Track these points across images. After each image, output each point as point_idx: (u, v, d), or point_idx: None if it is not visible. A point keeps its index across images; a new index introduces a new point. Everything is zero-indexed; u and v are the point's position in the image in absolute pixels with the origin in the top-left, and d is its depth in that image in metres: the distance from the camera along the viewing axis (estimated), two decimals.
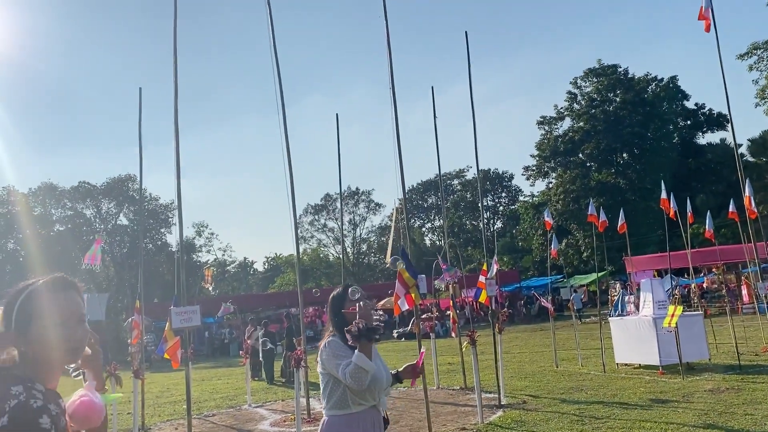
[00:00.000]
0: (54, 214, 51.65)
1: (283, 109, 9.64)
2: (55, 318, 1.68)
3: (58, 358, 1.69)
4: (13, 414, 1.50)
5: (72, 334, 1.69)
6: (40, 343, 1.66)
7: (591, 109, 50.35)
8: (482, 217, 10.05)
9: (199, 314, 7.53)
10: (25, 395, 1.55)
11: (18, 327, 1.66)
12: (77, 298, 1.78)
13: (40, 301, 1.69)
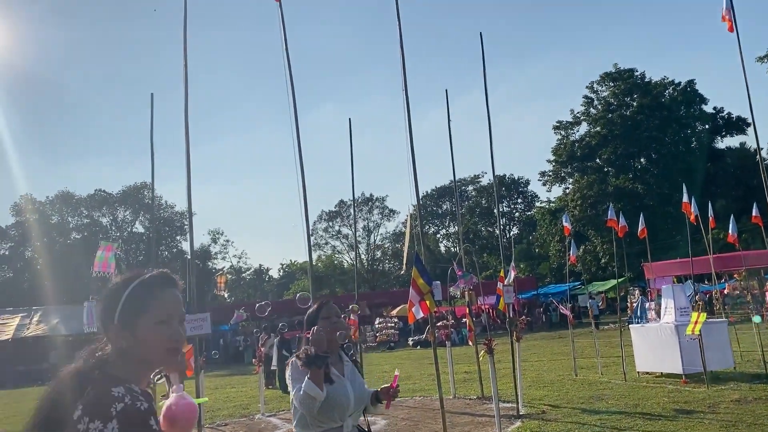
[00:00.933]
0: (71, 222, 52.15)
1: (296, 117, 9.53)
2: (161, 315, 1.61)
3: (159, 357, 1.62)
4: (121, 418, 1.42)
5: (175, 333, 1.63)
6: (145, 340, 1.58)
7: (608, 113, 49.87)
8: (499, 223, 9.82)
9: (209, 322, 7.37)
10: (130, 398, 1.48)
11: (122, 321, 1.59)
12: (179, 296, 1.72)
13: (148, 295, 1.62)
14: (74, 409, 1.45)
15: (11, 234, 50.23)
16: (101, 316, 1.64)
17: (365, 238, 66.47)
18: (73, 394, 1.48)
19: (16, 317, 33.64)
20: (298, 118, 9.14)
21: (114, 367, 1.57)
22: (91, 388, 1.48)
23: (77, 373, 1.54)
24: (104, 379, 1.51)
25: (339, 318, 3.24)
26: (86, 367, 1.56)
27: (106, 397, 1.46)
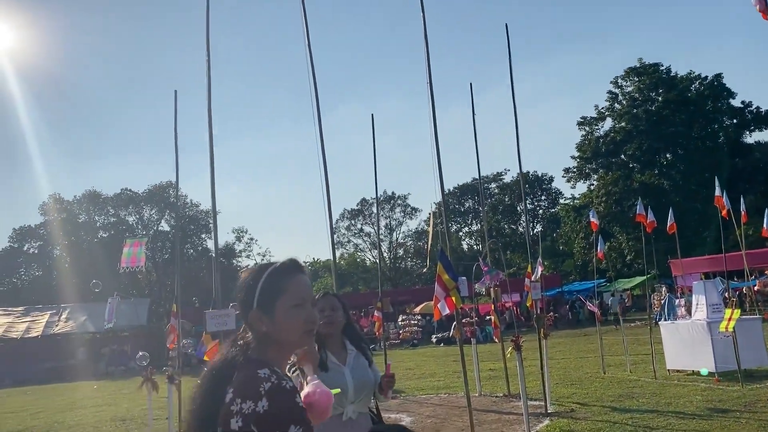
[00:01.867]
0: (98, 221, 52.79)
1: (318, 117, 9.49)
2: (296, 298, 1.70)
3: (297, 340, 1.71)
4: (271, 396, 1.51)
5: (310, 315, 1.72)
6: (283, 323, 1.67)
7: (633, 108, 49.19)
8: (526, 218, 9.66)
9: (234, 318, 7.35)
10: (276, 378, 1.56)
11: (261, 306, 1.68)
12: (309, 282, 1.80)
13: (283, 280, 1.71)
14: (225, 393, 1.56)
15: (40, 233, 51.00)
16: (241, 304, 1.73)
17: (387, 236, 66.41)
18: (223, 379, 1.60)
19: (45, 315, 34.17)
20: (321, 117, 9.09)
21: (256, 351, 1.67)
22: (239, 373, 1.59)
23: (224, 361, 1.65)
24: (249, 362, 1.61)
25: (334, 311, 3.33)
26: (231, 355, 1.66)
27: (253, 378, 1.55)
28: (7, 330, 32.44)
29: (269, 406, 1.50)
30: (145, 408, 13.41)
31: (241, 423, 1.50)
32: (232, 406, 1.53)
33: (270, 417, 1.50)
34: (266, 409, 1.50)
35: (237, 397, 1.53)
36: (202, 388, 1.63)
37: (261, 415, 1.50)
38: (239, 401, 1.53)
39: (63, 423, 12.93)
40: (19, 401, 19.11)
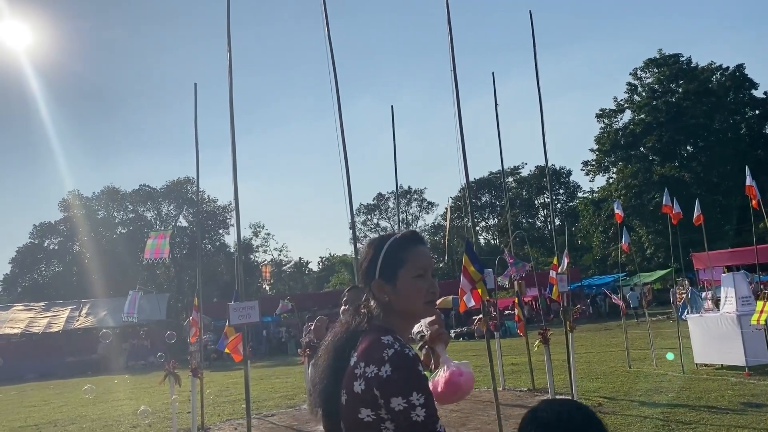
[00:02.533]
0: (116, 217, 53.17)
1: (339, 111, 9.41)
2: (417, 269, 1.71)
3: (418, 309, 1.74)
4: (394, 362, 1.52)
5: (432, 286, 1.74)
6: (404, 293, 1.69)
7: (652, 100, 48.54)
8: (552, 209, 9.41)
9: (258, 310, 7.27)
10: (399, 344, 1.57)
11: (384, 275, 1.71)
12: (429, 253, 1.81)
13: (404, 250, 1.73)
14: (349, 357, 1.62)
15: (60, 229, 51.50)
16: (364, 274, 1.77)
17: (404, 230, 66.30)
18: (347, 345, 1.66)
19: (65, 310, 34.50)
20: (332, 114, 8.99)
21: (379, 319, 1.70)
22: (363, 338, 1.64)
23: (348, 329, 1.71)
24: (373, 329, 1.65)
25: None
26: (356, 322, 1.71)
27: (377, 344, 1.58)
28: (29, 325, 32.80)
29: (392, 372, 1.52)
30: (166, 402, 13.44)
31: (363, 386, 1.55)
32: (356, 370, 1.58)
33: (392, 382, 1.52)
34: (389, 374, 1.52)
35: (361, 361, 1.58)
36: (329, 354, 1.70)
37: (384, 380, 1.52)
38: (363, 365, 1.57)
39: (86, 416, 12.99)
40: (43, 395, 19.27)
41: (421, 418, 1.51)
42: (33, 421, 12.95)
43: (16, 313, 34.35)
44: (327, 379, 1.67)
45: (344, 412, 1.60)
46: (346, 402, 1.59)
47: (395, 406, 1.51)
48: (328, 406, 1.67)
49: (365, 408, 1.55)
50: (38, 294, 45.34)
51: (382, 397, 1.53)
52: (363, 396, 1.55)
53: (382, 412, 1.54)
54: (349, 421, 1.59)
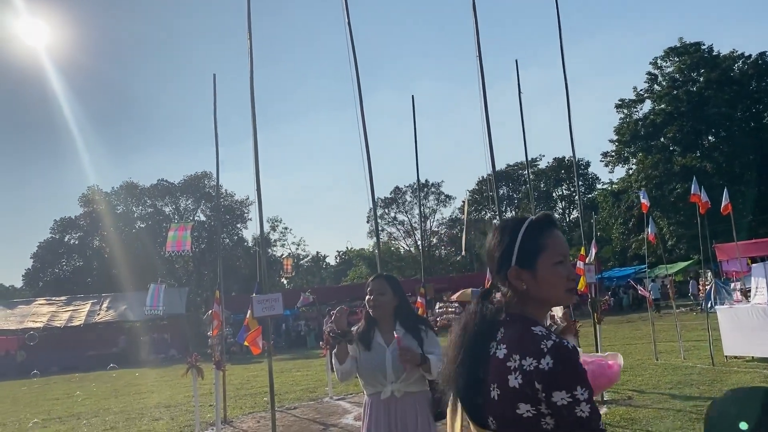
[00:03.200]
0: (135, 212, 53.54)
1: (361, 105, 9.28)
2: (557, 255, 1.63)
3: (560, 296, 1.65)
4: (555, 354, 1.45)
5: (572, 273, 1.66)
6: (545, 280, 1.61)
7: (673, 90, 47.80)
8: (579, 200, 9.18)
9: (281, 302, 7.18)
10: (554, 335, 1.50)
11: (522, 262, 1.61)
12: (563, 237, 1.71)
13: (543, 235, 1.64)
14: (489, 348, 1.54)
15: (80, 224, 51.95)
16: (496, 261, 1.66)
17: (420, 224, 66.07)
18: (484, 335, 1.57)
19: (86, 304, 34.83)
20: (355, 105, 8.90)
21: (515, 308, 1.61)
22: (507, 329, 1.55)
23: (480, 318, 1.61)
24: (515, 319, 1.57)
25: (381, 295, 3.36)
26: (490, 312, 1.62)
27: (530, 335, 1.50)
28: (51, 319, 33.16)
29: (554, 364, 1.43)
30: (188, 395, 13.46)
31: (521, 380, 1.47)
32: (508, 363, 1.49)
33: (556, 375, 1.43)
34: (551, 366, 1.43)
35: (514, 354, 1.50)
36: (464, 344, 1.61)
37: (546, 373, 1.44)
38: (517, 357, 1.48)
39: (109, 409, 13.03)
40: (66, 388, 19.43)
41: (585, 414, 1.43)
42: (56, 414, 13.02)
43: (38, 307, 34.75)
44: (465, 370, 1.58)
45: (497, 407, 1.52)
46: (500, 397, 1.51)
47: (558, 400, 1.43)
48: (468, 398, 1.59)
49: (524, 403, 1.47)
50: (59, 288, 45.83)
51: (543, 391, 1.45)
52: (521, 390, 1.47)
53: (542, 407, 1.46)
54: (504, 417, 1.51)
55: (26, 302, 36.73)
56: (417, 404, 3.30)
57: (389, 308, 3.38)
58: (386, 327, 3.39)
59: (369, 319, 3.42)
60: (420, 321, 3.48)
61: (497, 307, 1.63)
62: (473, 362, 1.57)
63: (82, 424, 11.30)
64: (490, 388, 1.52)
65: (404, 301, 3.45)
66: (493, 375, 1.52)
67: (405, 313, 3.43)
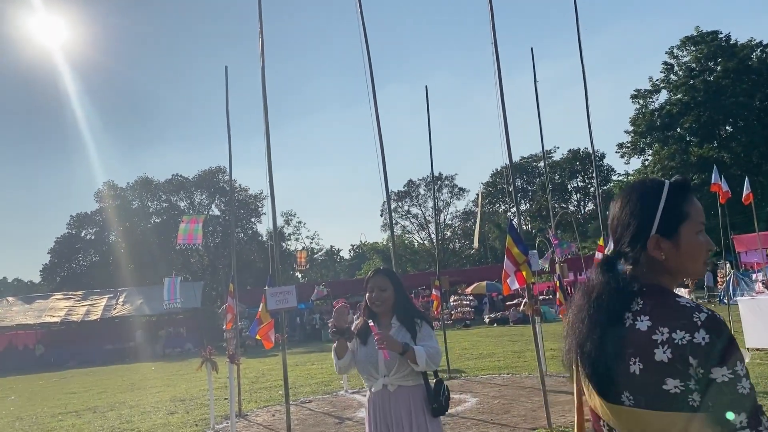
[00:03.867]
0: (150, 207, 53.80)
1: (374, 99, 9.18)
2: (699, 224, 1.55)
3: (699, 268, 1.56)
4: (710, 328, 1.37)
5: (711, 243, 1.57)
6: (688, 249, 1.52)
7: (690, 79, 47.15)
8: (597, 189, 8.91)
9: (295, 295, 7.09)
10: (705, 308, 1.42)
11: (663, 229, 1.52)
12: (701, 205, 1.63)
13: (686, 201, 1.55)
14: (626, 320, 1.46)
15: (96, 219, 52.31)
16: (633, 229, 1.54)
17: (434, 217, 65.91)
18: (617, 305, 1.48)
19: (103, 298, 35.06)
20: (368, 99, 8.80)
21: (648, 278, 1.52)
22: (647, 300, 1.47)
23: (613, 290, 1.51)
24: (654, 290, 1.49)
25: (382, 291, 3.40)
26: (620, 281, 1.51)
27: (677, 306, 1.42)
28: (68, 313, 33.41)
29: (710, 338, 1.35)
30: (203, 389, 13.46)
31: (670, 354, 1.38)
32: (653, 336, 1.41)
33: (713, 350, 1.35)
34: (707, 341, 1.35)
35: (660, 326, 1.41)
36: (593, 315, 1.51)
37: (702, 347, 1.35)
38: (666, 331, 1.40)
39: (125, 403, 13.07)
40: (82, 382, 19.55)
41: (746, 390, 1.35)
42: (73, 408, 13.07)
43: (55, 302, 35.04)
44: (596, 342, 1.49)
45: (637, 382, 1.43)
46: (642, 372, 1.41)
47: (718, 377, 1.34)
48: (598, 373, 1.50)
49: (672, 378, 1.39)
50: (76, 283, 46.19)
51: (700, 366, 1.35)
52: (670, 365, 1.38)
53: (691, 383, 1.37)
54: (645, 393, 1.42)
55: (44, 297, 37.06)
56: (411, 398, 3.30)
57: (390, 303, 3.42)
58: (385, 321, 3.44)
59: (369, 314, 3.46)
60: (416, 314, 3.48)
61: (631, 275, 1.53)
62: (603, 335, 1.48)
63: (98, 418, 11.33)
64: (628, 362, 1.43)
65: (402, 294, 3.48)
66: (634, 348, 1.43)
67: (403, 306, 3.45)
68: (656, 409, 1.40)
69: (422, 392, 3.33)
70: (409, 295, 3.56)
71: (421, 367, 3.24)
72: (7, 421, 12.14)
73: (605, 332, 1.48)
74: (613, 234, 1.62)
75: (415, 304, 3.60)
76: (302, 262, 35.70)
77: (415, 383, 3.33)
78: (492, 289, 34.99)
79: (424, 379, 3.35)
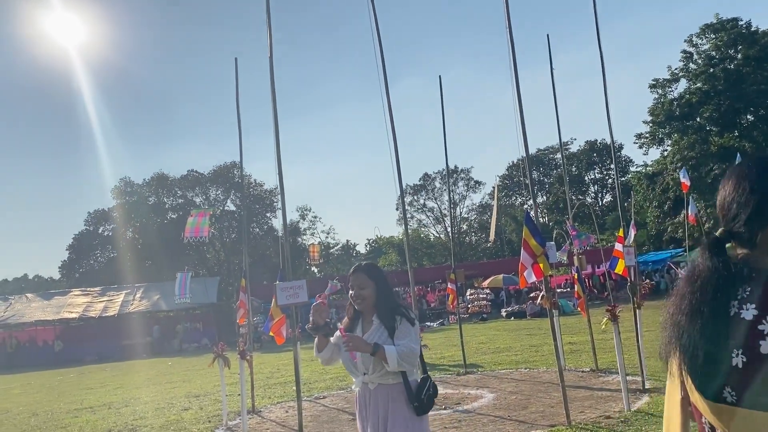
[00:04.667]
0: (166, 203, 54.05)
1: (387, 92, 9.03)
2: None
3: None
4: None
5: None
6: None
7: (709, 68, 46.31)
8: (617, 183, 8.56)
9: (306, 290, 6.93)
10: None
11: None
12: None
13: None
14: (731, 308, 1.33)
15: (113, 216, 52.69)
16: (752, 209, 1.41)
17: (451, 210, 65.59)
18: (721, 291, 1.36)
19: (120, 294, 35.27)
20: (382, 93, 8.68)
21: (757, 263, 1.38)
22: (754, 287, 1.34)
23: (719, 275, 1.37)
24: (765, 276, 1.36)
25: (361, 289, 3.35)
26: (729, 268, 1.38)
27: None
28: (87, 309, 33.66)
29: None
30: (217, 385, 13.39)
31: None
32: (760, 326, 1.30)
33: None
34: None
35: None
36: (694, 301, 1.38)
37: None
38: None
39: (139, 399, 13.04)
40: (99, 377, 19.62)
41: None
42: (89, 404, 13.06)
43: (74, 298, 35.32)
44: (696, 333, 1.37)
45: (741, 377, 1.31)
46: (746, 365, 1.29)
47: None
48: (696, 366, 1.37)
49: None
50: (94, 279, 46.56)
51: None
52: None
53: None
54: (750, 390, 1.30)
55: (62, 293, 37.38)
56: (390, 397, 3.26)
57: (371, 300, 3.37)
58: (368, 318, 3.41)
59: (355, 311, 3.46)
60: (397, 311, 3.36)
61: (742, 259, 1.41)
62: (705, 325, 1.36)
63: (113, 414, 11.29)
64: (731, 354, 1.32)
65: (384, 291, 3.41)
66: (737, 339, 1.32)
67: (384, 303, 3.37)
68: (761, 409, 1.26)
69: (402, 391, 3.27)
70: (393, 291, 3.50)
71: (392, 367, 3.17)
72: (23, 417, 12.15)
73: (707, 322, 1.37)
74: (724, 213, 1.48)
75: (397, 300, 3.51)
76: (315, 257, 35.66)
77: (395, 381, 3.27)
78: (509, 282, 34.70)
79: (403, 378, 3.27)
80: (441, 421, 7.48)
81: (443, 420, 7.56)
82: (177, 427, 9.29)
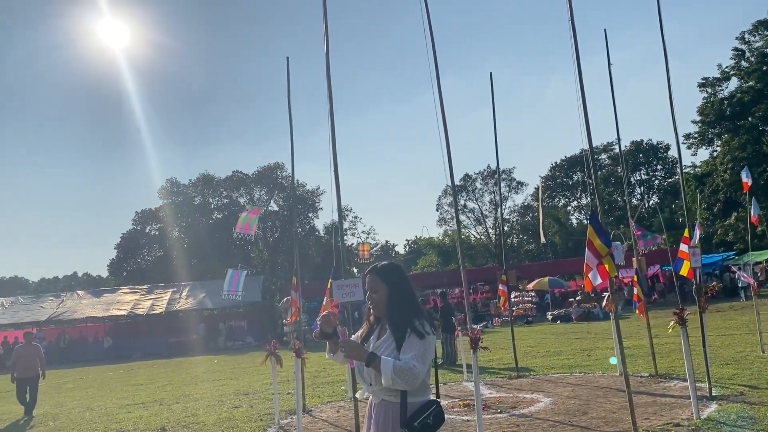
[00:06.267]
0: (212, 203, 54.89)
1: (439, 89, 8.91)
2: None
3: None
4: None
5: None
6: None
7: (762, 65, 44.82)
8: (682, 180, 8.21)
9: (362, 288, 6.85)
10: None
11: None
12: None
13: None
14: None
15: (160, 216, 53.74)
16: None
17: (492, 211, 64.96)
18: None
19: (167, 292, 35.89)
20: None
21: None
22: None
23: None
24: None
25: (374, 292, 3.03)
26: None
27: None
28: (134, 307, 34.35)
29: None
30: (265, 383, 13.44)
31: None
32: None
33: None
34: None
35: None
36: None
37: None
38: None
39: (189, 395, 13.17)
40: (148, 374, 19.95)
41: None
42: (140, 399, 13.26)
43: (122, 296, 36.10)
44: None
45: None
46: None
47: None
48: None
49: None
50: (141, 277, 47.52)
51: None
52: None
53: None
54: None
55: (111, 291, 38.26)
56: (388, 415, 2.88)
57: (382, 305, 3.01)
58: (385, 324, 3.04)
59: (375, 318, 3.12)
60: (408, 320, 2.93)
61: None
62: None
63: (164, 410, 11.42)
64: None
65: (398, 295, 3.01)
66: None
67: (396, 310, 2.98)
68: None
69: (394, 408, 2.87)
70: (409, 296, 3.04)
71: (385, 383, 2.78)
72: (78, 411, 12.39)
73: None
74: None
75: (414, 307, 3.03)
76: (365, 255, 35.56)
77: (398, 400, 2.86)
78: (555, 285, 34.11)
79: (401, 397, 2.84)
80: (499, 425, 7.32)
81: (501, 423, 7.39)
82: (229, 425, 9.32)
